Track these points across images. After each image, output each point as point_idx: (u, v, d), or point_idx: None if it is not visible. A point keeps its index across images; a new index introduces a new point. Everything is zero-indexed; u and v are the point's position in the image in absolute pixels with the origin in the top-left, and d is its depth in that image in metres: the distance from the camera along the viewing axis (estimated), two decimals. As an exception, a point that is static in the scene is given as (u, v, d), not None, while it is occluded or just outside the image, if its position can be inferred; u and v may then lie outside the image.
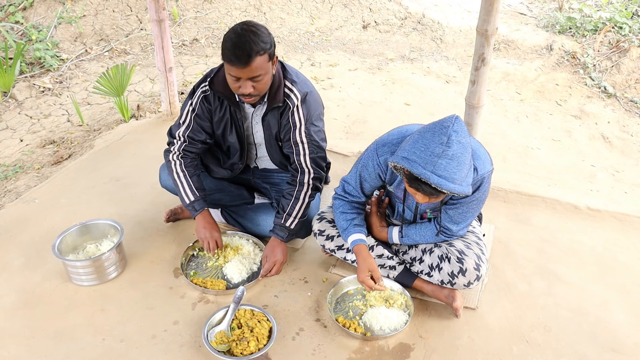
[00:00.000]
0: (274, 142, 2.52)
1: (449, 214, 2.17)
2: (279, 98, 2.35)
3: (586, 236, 2.84)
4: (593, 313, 2.37)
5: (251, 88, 2.20)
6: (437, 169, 1.78)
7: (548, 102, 4.77)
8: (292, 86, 2.38)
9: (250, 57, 2.10)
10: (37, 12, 5.55)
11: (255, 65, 2.13)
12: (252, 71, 2.14)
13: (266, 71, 2.19)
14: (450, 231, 2.21)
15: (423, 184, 1.83)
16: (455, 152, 1.79)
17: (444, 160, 1.78)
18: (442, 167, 1.78)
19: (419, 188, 1.87)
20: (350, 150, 3.53)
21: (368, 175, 2.23)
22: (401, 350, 2.17)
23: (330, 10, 6.28)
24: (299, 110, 2.38)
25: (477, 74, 2.83)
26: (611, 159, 4.04)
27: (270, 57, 2.19)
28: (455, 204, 2.13)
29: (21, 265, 2.57)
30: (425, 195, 1.90)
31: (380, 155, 2.15)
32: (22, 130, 4.18)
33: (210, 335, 2.14)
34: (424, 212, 2.29)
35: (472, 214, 2.17)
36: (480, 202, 2.13)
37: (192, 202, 2.50)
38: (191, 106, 2.46)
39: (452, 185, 1.80)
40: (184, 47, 5.59)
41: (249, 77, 2.16)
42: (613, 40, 5.24)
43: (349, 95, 4.67)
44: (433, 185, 1.80)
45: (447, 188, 1.79)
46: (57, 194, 3.09)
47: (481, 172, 2.02)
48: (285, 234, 2.47)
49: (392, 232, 2.34)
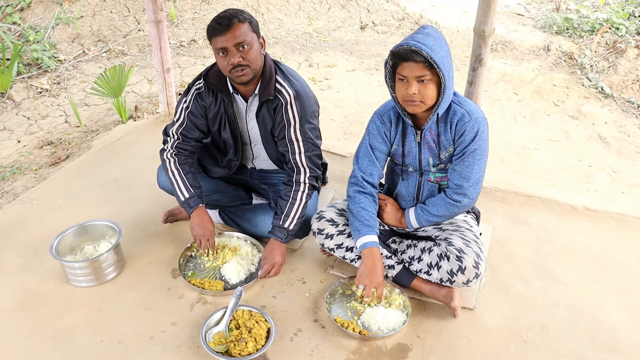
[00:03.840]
0: (269, 138, 2.53)
1: (456, 170, 2.20)
2: (269, 91, 2.37)
3: (583, 236, 2.85)
4: (591, 313, 2.37)
5: (239, 57, 2.23)
6: (415, 38, 2.00)
7: (545, 102, 4.78)
8: (284, 82, 2.41)
9: (231, 21, 2.19)
10: (35, 13, 5.54)
11: (239, 31, 2.20)
12: (236, 37, 2.20)
13: (251, 40, 2.24)
14: (462, 188, 2.20)
15: (405, 51, 1.98)
16: (431, 32, 2.03)
17: (421, 35, 2.01)
18: (419, 38, 1.99)
19: (403, 58, 2.00)
20: (348, 151, 3.54)
21: (375, 140, 2.32)
22: (399, 350, 2.17)
23: (328, 11, 6.29)
24: (293, 107, 2.40)
25: (475, 74, 2.84)
26: (608, 159, 4.06)
27: (253, 29, 2.25)
28: (460, 154, 2.17)
29: (19, 266, 2.56)
30: (412, 73, 2.00)
31: (383, 114, 2.30)
32: (20, 131, 4.18)
33: (208, 336, 2.14)
34: (427, 165, 2.29)
35: (477, 167, 2.19)
36: (482, 154, 2.18)
37: (187, 199, 2.50)
38: (185, 104, 2.49)
39: (429, 50, 1.95)
40: (182, 48, 5.59)
41: (234, 43, 2.21)
42: (610, 41, 5.26)
43: (346, 96, 4.68)
44: (412, 47, 1.96)
45: (426, 51, 1.94)
46: (55, 195, 3.09)
47: (474, 115, 2.15)
48: (284, 235, 2.47)
49: (409, 215, 2.35)
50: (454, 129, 2.17)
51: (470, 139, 2.14)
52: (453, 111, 2.16)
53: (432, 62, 1.95)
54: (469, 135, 2.14)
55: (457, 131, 2.16)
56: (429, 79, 2.01)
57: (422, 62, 1.97)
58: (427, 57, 1.95)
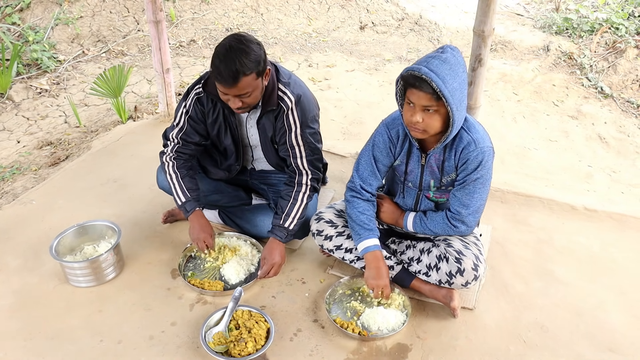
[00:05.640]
0: (269, 145, 2.52)
1: (457, 196, 2.18)
2: (273, 102, 2.35)
3: (583, 236, 2.85)
4: (590, 313, 2.37)
5: (239, 103, 2.20)
6: (430, 64, 1.89)
7: (545, 102, 4.78)
8: (286, 88, 2.38)
9: (236, 78, 2.10)
10: (34, 14, 5.54)
11: (242, 85, 2.13)
12: (239, 90, 2.15)
13: (254, 88, 2.19)
14: (460, 215, 2.19)
15: (415, 77, 1.89)
16: (449, 58, 1.89)
17: (437, 60, 1.89)
18: (434, 65, 1.88)
19: (412, 84, 1.91)
20: (347, 151, 3.54)
21: (379, 153, 2.27)
22: (399, 350, 2.17)
23: (328, 11, 6.29)
24: (294, 112, 2.38)
25: (474, 74, 2.84)
26: (608, 159, 4.06)
27: (259, 75, 2.17)
28: (462, 181, 2.14)
29: (18, 266, 2.56)
30: (419, 101, 1.93)
31: (392, 129, 2.23)
32: (19, 132, 4.18)
33: (208, 336, 2.14)
34: (427, 186, 2.28)
35: (478, 195, 2.16)
36: (484, 183, 2.13)
37: (184, 203, 2.50)
38: (185, 108, 2.47)
39: (441, 82, 1.86)
40: (181, 48, 5.59)
41: (236, 95, 2.17)
42: (610, 41, 5.26)
43: (346, 96, 4.68)
44: (423, 76, 1.86)
45: (436, 83, 1.85)
46: (55, 196, 3.09)
47: (480, 145, 2.06)
48: (284, 235, 2.47)
49: (408, 219, 2.34)
50: (458, 156, 2.12)
51: (473, 168, 2.09)
52: (460, 137, 2.09)
53: (441, 94, 1.88)
54: (472, 164, 2.09)
55: (460, 158, 2.11)
56: (435, 110, 1.95)
57: (431, 93, 1.90)
58: (436, 89, 1.88)
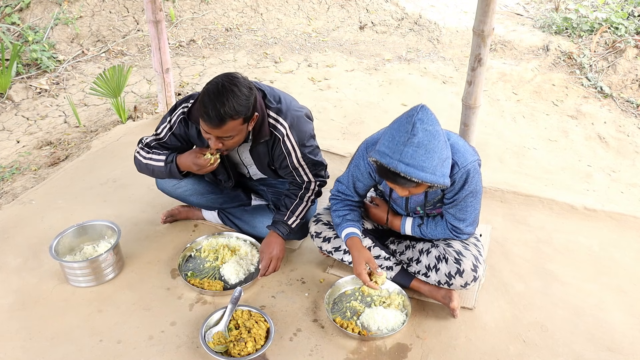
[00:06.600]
0: (266, 167, 2.47)
1: (450, 213, 2.18)
2: (264, 133, 2.29)
3: (582, 236, 2.85)
4: (589, 313, 2.37)
5: (219, 144, 2.16)
6: (404, 157, 1.81)
7: (544, 102, 4.78)
8: (277, 116, 2.30)
9: (223, 120, 2.05)
10: (34, 14, 5.54)
11: (227, 128, 2.09)
12: (223, 132, 2.11)
13: (238, 132, 2.15)
14: (459, 229, 2.21)
15: (394, 174, 1.85)
16: (422, 139, 1.80)
17: (410, 149, 1.80)
18: (409, 155, 1.80)
19: (393, 180, 1.88)
20: (347, 151, 3.54)
21: (360, 175, 2.25)
22: (398, 350, 2.17)
23: (327, 11, 6.29)
24: (290, 138, 2.32)
25: (474, 74, 2.84)
26: (607, 159, 4.06)
27: (245, 120, 2.13)
28: (451, 200, 2.13)
29: (18, 266, 2.56)
30: (403, 188, 1.91)
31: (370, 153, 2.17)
32: (19, 132, 4.18)
33: (208, 336, 2.14)
34: (414, 210, 2.29)
35: (472, 208, 2.16)
36: (475, 195, 2.12)
37: (164, 160, 2.37)
38: (169, 124, 2.38)
39: (422, 173, 1.81)
40: (181, 48, 5.58)
41: (218, 136, 2.13)
42: (609, 40, 5.26)
43: (345, 96, 4.68)
44: (402, 174, 1.81)
45: (417, 177, 1.81)
46: (54, 195, 3.09)
47: (463, 165, 2.03)
48: (286, 231, 2.47)
49: (405, 223, 2.34)
50: None
51: (460, 187, 2.07)
52: None
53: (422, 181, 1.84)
54: (458, 185, 2.07)
55: None
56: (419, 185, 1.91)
57: (412, 183, 1.87)
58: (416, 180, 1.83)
